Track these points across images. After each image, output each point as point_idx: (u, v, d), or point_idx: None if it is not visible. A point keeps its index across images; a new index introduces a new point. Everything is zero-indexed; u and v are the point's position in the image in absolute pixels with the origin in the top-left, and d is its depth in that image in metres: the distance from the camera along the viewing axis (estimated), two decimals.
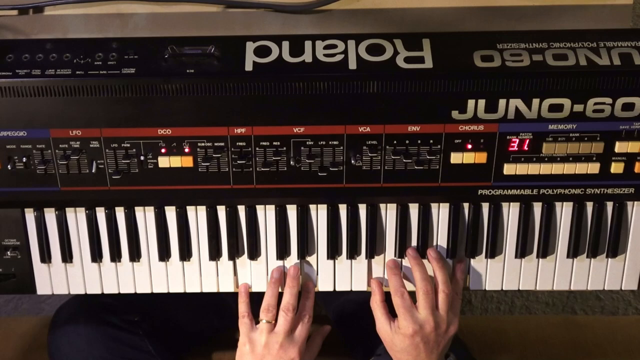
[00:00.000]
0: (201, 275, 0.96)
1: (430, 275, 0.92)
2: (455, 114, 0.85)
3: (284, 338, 0.91)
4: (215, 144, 0.87)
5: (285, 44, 0.86)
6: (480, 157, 0.88)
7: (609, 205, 0.93)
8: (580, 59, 0.84)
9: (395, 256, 0.95)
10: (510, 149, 0.88)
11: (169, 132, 0.87)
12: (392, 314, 0.93)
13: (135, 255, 0.95)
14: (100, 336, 1.03)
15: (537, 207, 0.93)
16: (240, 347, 0.94)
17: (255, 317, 0.95)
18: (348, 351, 1.19)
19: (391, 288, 0.92)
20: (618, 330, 1.27)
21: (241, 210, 0.94)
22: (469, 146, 0.88)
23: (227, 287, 0.97)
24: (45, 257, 0.95)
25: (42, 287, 0.96)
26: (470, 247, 0.95)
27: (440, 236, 0.95)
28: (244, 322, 0.94)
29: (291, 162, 0.88)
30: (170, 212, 0.94)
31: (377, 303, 0.93)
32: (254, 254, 0.95)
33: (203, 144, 0.87)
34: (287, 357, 0.91)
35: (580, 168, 0.89)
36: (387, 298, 0.94)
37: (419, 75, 0.83)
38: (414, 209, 0.94)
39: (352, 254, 0.95)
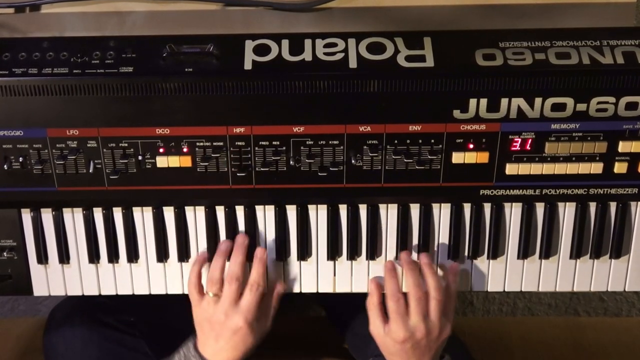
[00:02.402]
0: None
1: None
2: (456, 113, 0.85)
3: (229, 306, 0.89)
4: (214, 144, 0.87)
5: (285, 43, 0.85)
6: (482, 157, 0.87)
7: (612, 206, 0.93)
8: (584, 58, 0.83)
9: (396, 257, 0.94)
10: (513, 148, 0.87)
11: (167, 131, 0.86)
12: (387, 315, 0.92)
13: (133, 256, 0.94)
14: (96, 337, 1.02)
15: (540, 208, 0.93)
16: (194, 314, 0.93)
17: None
18: (347, 352, 1.18)
19: (387, 291, 0.91)
20: (621, 331, 1.27)
21: (240, 210, 0.93)
22: (471, 146, 0.87)
23: None
24: (42, 258, 0.94)
25: (39, 288, 0.96)
26: (472, 248, 0.94)
27: (442, 237, 0.94)
28: (191, 291, 0.92)
29: (291, 162, 0.88)
30: (169, 213, 0.93)
31: (374, 304, 0.92)
32: (253, 255, 0.94)
33: (202, 144, 0.87)
34: (233, 325, 0.88)
35: (583, 168, 0.88)
36: (384, 300, 0.93)
37: (420, 74, 0.83)
38: (415, 210, 0.93)
39: (353, 255, 0.94)
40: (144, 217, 0.93)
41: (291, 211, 0.93)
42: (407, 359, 0.89)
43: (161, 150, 0.87)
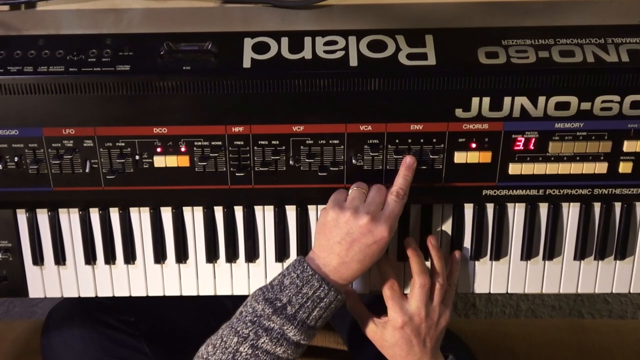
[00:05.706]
0: (198, 277, 0.95)
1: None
2: (459, 112, 0.84)
3: (376, 208, 0.82)
4: (212, 143, 0.86)
5: (284, 40, 0.84)
6: (485, 157, 0.86)
7: (617, 206, 0.92)
8: (588, 56, 0.82)
9: (397, 259, 0.93)
10: (516, 148, 0.86)
11: (164, 130, 0.85)
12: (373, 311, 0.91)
13: (130, 257, 0.93)
14: (97, 336, 1.02)
15: (543, 208, 0.92)
16: (322, 217, 0.83)
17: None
18: (347, 354, 1.17)
19: (380, 277, 0.90)
20: (626, 334, 1.26)
21: (239, 211, 0.92)
22: (473, 145, 0.86)
23: (225, 290, 0.95)
24: (38, 259, 0.93)
25: (35, 290, 0.95)
26: (474, 249, 0.93)
27: (444, 238, 0.93)
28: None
29: (290, 162, 0.87)
30: (166, 213, 0.92)
31: (354, 305, 0.91)
32: (252, 256, 0.94)
33: (200, 143, 0.86)
34: (377, 232, 0.80)
35: (588, 168, 0.87)
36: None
37: (422, 73, 0.82)
38: (416, 210, 0.92)
39: None
40: (141, 217, 0.92)
41: (291, 211, 0.92)
42: (410, 349, 0.86)
43: (159, 149, 0.86)
